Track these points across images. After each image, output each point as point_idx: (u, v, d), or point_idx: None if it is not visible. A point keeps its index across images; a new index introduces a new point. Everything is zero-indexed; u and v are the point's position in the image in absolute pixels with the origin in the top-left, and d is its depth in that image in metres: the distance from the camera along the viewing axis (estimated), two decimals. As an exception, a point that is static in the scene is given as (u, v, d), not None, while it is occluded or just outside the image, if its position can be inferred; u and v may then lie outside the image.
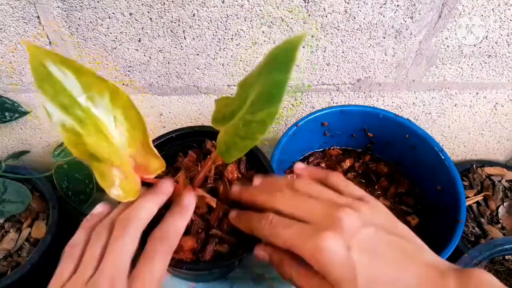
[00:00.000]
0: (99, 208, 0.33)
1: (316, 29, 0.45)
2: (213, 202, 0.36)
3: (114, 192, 0.28)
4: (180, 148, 0.44)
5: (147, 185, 0.40)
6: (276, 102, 0.23)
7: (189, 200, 0.32)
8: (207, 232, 0.37)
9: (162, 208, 0.32)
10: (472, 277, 0.26)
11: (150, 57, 0.48)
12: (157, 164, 0.32)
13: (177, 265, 0.35)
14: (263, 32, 0.45)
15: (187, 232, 0.37)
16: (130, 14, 0.42)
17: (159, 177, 0.34)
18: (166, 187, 0.32)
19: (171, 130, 0.42)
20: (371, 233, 0.28)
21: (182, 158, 0.43)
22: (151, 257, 0.28)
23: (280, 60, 0.23)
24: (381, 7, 0.43)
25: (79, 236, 0.30)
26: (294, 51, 0.23)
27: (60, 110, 0.26)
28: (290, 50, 0.23)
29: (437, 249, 0.41)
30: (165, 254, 0.28)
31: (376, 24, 0.45)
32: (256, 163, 0.42)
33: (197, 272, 0.44)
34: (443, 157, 0.47)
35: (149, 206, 0.30)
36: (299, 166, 0.37)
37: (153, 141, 0.43)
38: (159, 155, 0.31)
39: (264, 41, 0.46)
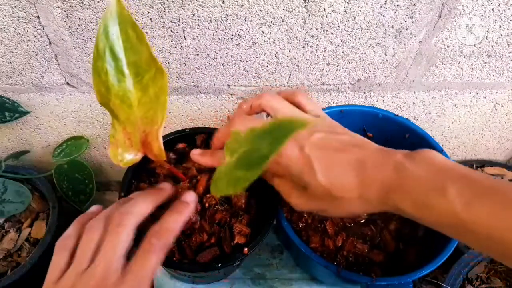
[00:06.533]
0: (93, 209, 0.33)
1: (316, 29, 0.45)
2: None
3: (115, 157, 0.30)
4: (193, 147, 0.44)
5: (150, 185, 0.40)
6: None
7: (189, 198, 0.32)
8: (209, 234, 0.38)
9: (164, 207, 0.32)
10: (419, 152, 0.28)
11: (150, 57, 0.48)
12: (157, 151, 0.32)
13: (174, 266, 0.35)
14: (263, 32, 0.45)
15: (190, 235, 0.37)
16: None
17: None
18: (166, 188, 0.33)
19: (171, 130, 0.42)
20: (320, 135, 0.32)
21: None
22: (146, 251, 0.28)
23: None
24: (381, 7, 0.43)
25: (72, 230, 0.30)
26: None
27: (100, 71, 0.27)
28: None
29: (437, 249, 0.41)
30: (159, 250, 0.28)
31: (376, 24, 0.45)
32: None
33: (194, 273, 0.44)
34: (443, 157, 0.47)
35: (146, 203, 0.30)
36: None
37: (169, 135, 0.44)
38: (162, 146, 0.32)
39: (264, 41, 0.46)
